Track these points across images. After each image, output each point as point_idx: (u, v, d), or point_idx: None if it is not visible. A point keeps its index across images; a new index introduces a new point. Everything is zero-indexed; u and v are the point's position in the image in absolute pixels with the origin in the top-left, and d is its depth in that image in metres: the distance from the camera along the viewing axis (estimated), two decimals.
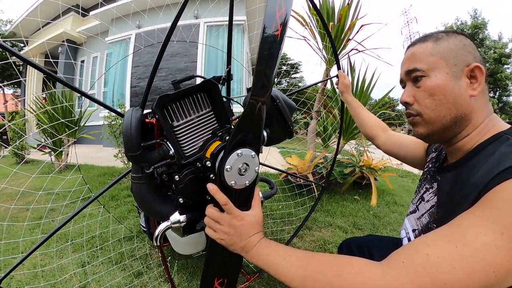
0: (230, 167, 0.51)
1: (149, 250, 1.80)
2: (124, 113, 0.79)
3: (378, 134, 1.12)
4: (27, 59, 0.70)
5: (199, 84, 0.58)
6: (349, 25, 2.62)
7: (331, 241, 1.98)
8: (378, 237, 1.10)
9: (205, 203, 0.71)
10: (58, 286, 1.51)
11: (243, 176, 0.55)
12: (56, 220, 2.34)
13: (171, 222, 0.70)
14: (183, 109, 0.58)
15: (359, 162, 3.00)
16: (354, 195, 2.95)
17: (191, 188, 0.62)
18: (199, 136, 0.62)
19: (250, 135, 0.53)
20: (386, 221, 2.46)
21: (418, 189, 0.78)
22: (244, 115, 0.50)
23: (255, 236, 0.57)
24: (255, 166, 0.56)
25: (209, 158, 0.57)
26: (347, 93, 1.27)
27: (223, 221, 0.56)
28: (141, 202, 0.74)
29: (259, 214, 0.60)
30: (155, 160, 0.60)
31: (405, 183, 4.45)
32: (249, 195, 0.59)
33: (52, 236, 1.98)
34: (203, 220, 0.74)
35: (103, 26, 8.09)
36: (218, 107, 0.62)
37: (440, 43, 0.59)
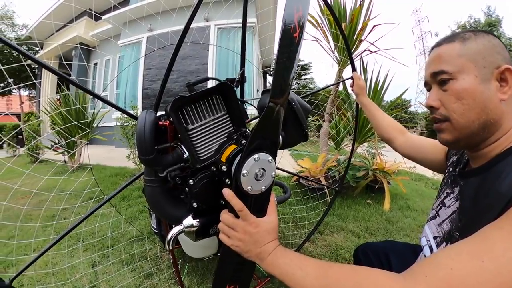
0: (246, 172, 0.49)
1: (159, 251, 1.80)
2: (136, 115, 0.78)
3: (396, 136, 1.08)
4: (41, 62, 0.71)
5: (214, 86, 0.57)
6: (361, 25, 2.58)
7: (343, 246, 1.94)
8: (395, 243, 1.07)
9: (219, 207, 0.70)
10: (69, 285, 1.52)
11: (260, 182, 0.53)
12: (68, 218, 2.37)
13: (184, 226, 0.69)
14: (198, 112, 0.57)
15: (372, 165, 2.93)
16: (366, 199, 2.89)
17: (205, 192, 0.61)
18: (214, 140, 0.61)
19: (267, 139, 0.51)
20: (399, 226, 2.39)
21: (439, 194, 0.75)
22: (262, 118, 0.48)
23: (270, 243, 0.55)
24: (272, 171, 0.55)
25: (224, 163, 0.55)
26: (362, 95, 1.23)
27: (238, 227, 0.55)
28: (154, 205, 0.73)
29: (275, 220, 0.58)
30: (169, 163, 0.59)
31: (418, 187, 4.35)
32: (265, 201, 0.57)
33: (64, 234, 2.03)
34: (216, 225, 0.73)
35: (115, 30, 8.25)
36: (234, 110, 0.61)
37: (468, 44, 0.56)
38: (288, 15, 0.49)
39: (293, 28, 0.50)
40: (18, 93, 10.72)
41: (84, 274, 1.61)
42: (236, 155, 0.54)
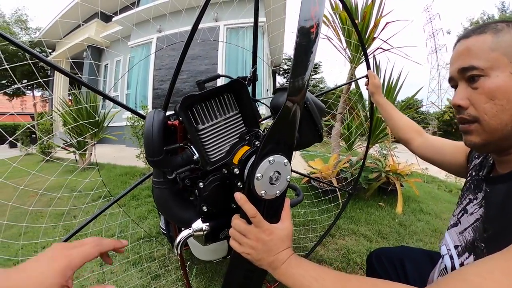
0: (261, 175, 0.46)
1: (168, 252, 1.79)
2: (146, 114, 0.76)
3: (413, 137, 1.03)
4: (51, 63, 0.70)
5: (226, 84, 0.54)
6: (373, 23, 2.50)
7: (355, 250, 1.89)
8: (410, 249, 1.03)
9: (230, 211, 0.66)
10: (76, 284, 1.53)
11: (274, 186, 0.50)
12: (78, 217, 2.39)
13: (193, 230, 0.66)
14: (209, 111, 0.54)
15: (385, 167, 2.85)
16: (378, 202, 2.82)
17: (216, 196, 0.58)
18: (225, 141, 0.58)
19: (283, 141, 0.48)
20: (412, 230, 2.32)
21: (460, 199, 0.70)
22: (279, 118, 0.45)
23: (284, 252, 0.52)
24: (287, 175, 0.51)
25: (236, 165, 0.52)
26: (378, 94, 1.19)
27: (250, 234, 0.51)
28: (162, 207, 0.71)
29: (289, 227, 0.55)
30: (178, 165, 0.56)
31: (430, 189, 4.23)
32: (279, 206, 0.54)
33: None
34: (227, 229, 0.70)
35: (125, 31, 8.37)
36: (246, 109, 0.57)
37: (502, 36, 0.50)
38: (305, 10, 0.47)
39: (310, 23, 0.48)
40: (31, 94, 10.98)
41: (92, 273, 1.61)
42: (249, 157, 0.51)
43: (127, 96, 8.50)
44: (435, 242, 2.16)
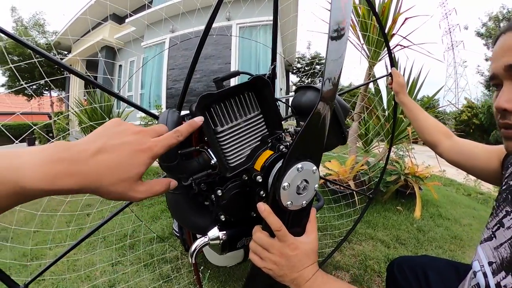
0: (288, 184, 0.41)
1: (180, 255, 1.76)
2: (159, 114, 0.72)
3: (441, 140, 0.96)
4: (66, 66, 0.68)
5: (248, 81, 0.48)
6: (392, 18, 2.40)
7: (372, 257, 1.81)
8: (434, 259, 0.97)
9: (248, 219, 0.62)
10: (87, 281, 1.53)
11: (301, 195, 0.44)
12: (91, 213, 2.41)
13: (209, 239, 0.61)
14: (228, 111, 0.49)
15: (404, 169, 2.74)
16: (396, 205, 2.71)
17: (235, 204, 0.53)
18: (246, 144, 0.53)
19: (313, 145, 0.43)
20: (431, 236, 2.23)
21: (495, 211, 0.62)
22: (311, 120, 0.40)
23: (309, 268, 0.47)
24: (315, 184, 0.46)
25: (259, 172, 0.47)
26: (403, 94, 1.12)
27: (273, 249, 0.47)
28: (176, 213, 0.67)
29: (315, 241, 0.50)
30: (194, 170, 0.52)
31: (449, 193, 4.08)
32: (304, 217, 0.49)
33: (84, 232, 2.05)
34: (245, 238, 0.65)
35: (138, 32, 8.48)
36: (269, 109, 0.52)
37: None
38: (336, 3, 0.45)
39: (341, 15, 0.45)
40: (49, 94, 11.33)
41: (104, 271, 1.61)
42: (273, 163, 0.46)
43: (141, 95, 8.61)
44: (455, 250, 2.06)
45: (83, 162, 0.29)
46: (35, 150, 0.28)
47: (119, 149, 0.31)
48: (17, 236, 2.11)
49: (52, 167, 0.27)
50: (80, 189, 0.29)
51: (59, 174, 0.27)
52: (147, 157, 0.33)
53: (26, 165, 0.26)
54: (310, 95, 0.66)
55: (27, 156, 0.27)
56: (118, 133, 0.33)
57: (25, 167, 0.26)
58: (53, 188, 0.27)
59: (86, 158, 0.29)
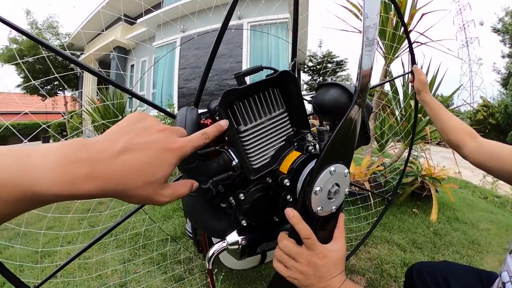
0: (320, 188, 0.37)
1: (193, 255, 1.75)
2: (174, 113, 0.70)
3: (465, 141, 0.90)
4: (81, 63, 0.67)
5: (273, 76, 0.45)
6: (409, 14, 2.32)
7: (388, 261, 1.76)
8: (455, 265, 0.93)
9: (269, 223, 0.59)
10: (98, 280, 1.53)
11: (332, 200, 0.41)
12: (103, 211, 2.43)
13: (227, 244, 0.59)
14: (252, 109, 0.46)
15: (421, 170, 2.65)
16: (412, 208, 2.63)
17: (258, 208, 0.50)
18: (270, 145, 0.49)
19: (346, 146, 0.39)
20: (448, 241, 2.15)
21: None
22: (346, 121, 0.36)
23: (337, 278, 0.45)
24: (346, 188, 0.42)
25: (286, 175, 0.44)
26: (425, 92, 1.06)
27: (301, 257, 0.44)
28: (194, 217, 0.64)
29: (343, 248, 0.47)
30: (213, 172, 0.49)
31: (465, 196, 3.95)
32: (333, 223, 0.45)
33: (97, 230, 2.06)
34: (265, 243, 0.62)
35: (150, 32, 8.56)
36: (295, 107, 0.48)
37: None
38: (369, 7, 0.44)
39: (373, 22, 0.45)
40: (63, 94, 11.61)
41: (115, 271, 1.61)
42: (302, 165, 0.43)
43: (153, 95, 8.71)
44: (473, 255, 1.98)
45: (105, 163, 0.25)
46: (48, 149, 0.24)
47: (146, 148, 0.28)
48: (30, 233, 2.14)
49: (69, 170, 0.23)
50: (101, 193, 0.25)
51: (78, 178, 0.24)
52: (176, 158, 0.31)
53: (38, 166, 0.22)
54: (334, 92, 0.62)
55: (39, 156, 0.23)
56: (144, 129, 0.30)
57: (36, 170, 0.22)
58: (71, 193, 0.24)
59: (109, 158, 0.26)
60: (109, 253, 1.77)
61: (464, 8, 32.68)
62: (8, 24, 0.56)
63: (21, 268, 1.67)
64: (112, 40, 9.39)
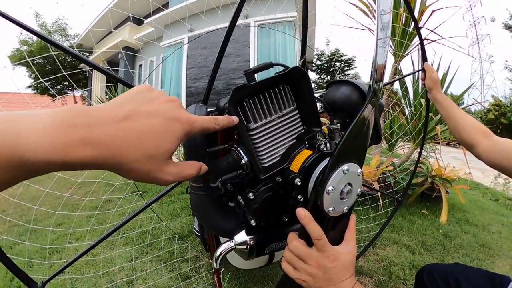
0: (332, 188, 0.36)
1: (200, 254, 1.75)
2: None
3: (479, 140, 0.88)
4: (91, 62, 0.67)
5: (284, 73, 0.44)
6: (419, 11, 2.26)
7: (397, 263, 1.73)
8: (467, 268, 0.91)
9: (279, 223, 0.58)
10: (105, 277, 1.54)
11: (344, 201, 0.40)
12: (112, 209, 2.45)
13: (235, 244, 0.58)
14: (262, 106, 0.45)
15: (431, 171, 2.59)
16: (421, 209, 2.58)
17: (267, 208, 0.49)
18: (280, 143, 0.48)
19: (358, 145, 0.38)
20: (458, 243, 2.10)
21: None
22: (361, 119, 0.35)
23: (347, 281, 0.44)
24: (358, 187, 0.41)
25: (297, 174, 0.42)
26: (436, 90, 1.04)
27: (311, 259, 0.42)
28: (201, 215, 0.64)
29: (354, 250, 0.45)
30: (222, 170, 0.48)
31: (475, 197, 3.86)
32: (345, 225, 0.44)
33: (104, 227, 2.08)
34: (273, 243, 0.61)
35: (157, 32, 8.63)
36: (306, 104, 0.47)
37: None
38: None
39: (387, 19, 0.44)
40: (72, 94, 11.84)
41: (122, 268, 1.62)
42: (314, 164, 0.41)
43: None
44: (484, 259, 1.93)
45: (104, 129, 0.23)
46: (45, 113, 0.22)
47: (153, 116, 0.26)
48: (40, 230, 2.18)
49: (64, 134, 0.21)
50: (96, 163, 0.23)
51: (72, 142, 0.21)
52: (183, 131, 0.28)
53: (29, 130, 0.20)
54: (345, 90, 0.61)
55: (33, 121, 0.21)
56: (152, 98, 0.28)
57: (26, 133, 0.20)
58: (63, 160, 0.21)
59: (109, 124, 0.23)
60: (117, 251, 1.78)
61: (475, 4, 31.91)
62: (19, 24, 0.56)
63: (30, 263, 1.70)
64: (120, 40, 9.51)
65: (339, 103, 0.58)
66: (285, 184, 0.46)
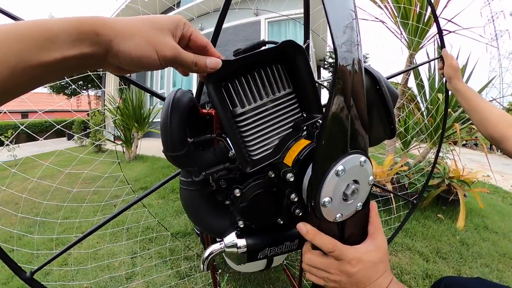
0: (330, 199, 0.29)
1: (200, 252, 1.71)
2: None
3: (508, 134, 0.78)
4: None
5: (275, 47, 0.36)
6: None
7: (409, 271, 1.62)
8: (491, 284, 0.79)
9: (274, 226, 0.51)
10: (106, 271, 1.53)
11: (353, 200, 0.33)
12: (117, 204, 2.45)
13: (224, 245, 0.52)
14: (251, 88, 0.38)
15: (448, 172, 2.44)
16: (437, 213, 2.44)
17: (257, 208, 0.42)
18: (273, 132, 0.41)
19: (351, 130, 0.30)
20: (476, 252, 1.96)
21: None
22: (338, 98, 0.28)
23: (380, 279, 0.38)
24: (369, 176, 0.34)
25: (290, 168, 0.35)
26: (457, 79, 0.92)
27: (331, 268, 0.38)
28: (191, 213, 0.58)
29: (382, 245, 0.39)
30: (208, 163, 0.42)
31: (494, 202, 3.64)
32: (364, 220, 0.38)
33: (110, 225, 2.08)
34: (269, 248, 0.54)
35: None
36: (304, 86, 0.40)
37: None
38: None
39: None
40: (86, 93, 12.13)
41: (123, 263, 1.61)
42: (309, 156, 0.34)
43: None
44: (504, 270, 1.78)
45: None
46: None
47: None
48: (48, 222, 2.20)
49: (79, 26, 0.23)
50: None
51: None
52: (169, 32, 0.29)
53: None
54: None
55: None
56: None
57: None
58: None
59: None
60: (119, 245, 1.78)
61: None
62: None
63: (37, 254, 1.71)
64: None
65: None
66: (278, 180, 0.39)
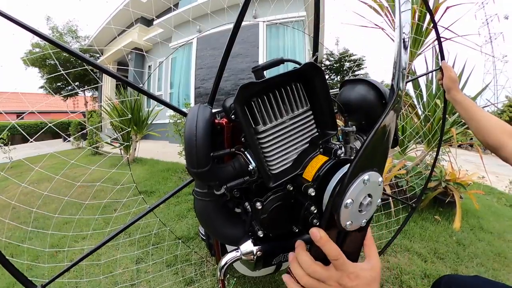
0: (351, 201, 0.32)
1: (205, 257, 1.71)
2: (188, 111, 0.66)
3: (505, 141, 0.81)
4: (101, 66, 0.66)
5: (298, 69, 0.39)
6: (433, 7, 2.18)
7: (408, 271, 1.65)
8: (489, 282, 0.83)
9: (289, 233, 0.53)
10: (110, 278, 1.53)
11: (363, 213, 0.35)
12: (118, 209, 2.44)
13: (241, 253, 0.54)
14: (272, 107, 0.40)
15: (445, 175, 2.49)
16: (434, 215, 2.49)
17: (276, 219, 0.45)
18: (292, 147, 0.44)
19: (380, 151, 0.33)
20: (472, 252, 2.00)
21: None
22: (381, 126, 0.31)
23: None
24: (378, 199, 0.36)
25: (311, 183, 0.38)
26: (455, 90, 0.98)
27: (330, 280, 0.39)
28: (206, 222, 0.60)
29: (377, 266, 0.41)
30: (228, 177, 0.44)
31: (489, 203, 3.71)
32: (362, 238, 0.40)
33: (110, 226, 2.07)
34: (282, 255, 0.57)
35: (166, 33, 8.68)
36: (320, 104, 0.42)
37: None
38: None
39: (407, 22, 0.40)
40: (83, 95, 12.02)
41: (127, 270, 1.60)
42: (330, 172, 0.37)
43: (170, 95, 8.83)
44: (499, 269, 1.83)
45: None
46: None
47: None
48: (48, 226, 2.18)
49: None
50: None
51: None
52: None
53: None
54: (361, 89, 0.56)
55: None
56: None
57: None
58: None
59: None
60: (122, 251, 1.77)
61: (487, 2, 31.07)
62: (31, 30, 0.55)
63: (37, 261, 1.70)
64: (129, 42, 9.61)
65: (354, 103, 0.53)
66: (297, 193, 0.42)
